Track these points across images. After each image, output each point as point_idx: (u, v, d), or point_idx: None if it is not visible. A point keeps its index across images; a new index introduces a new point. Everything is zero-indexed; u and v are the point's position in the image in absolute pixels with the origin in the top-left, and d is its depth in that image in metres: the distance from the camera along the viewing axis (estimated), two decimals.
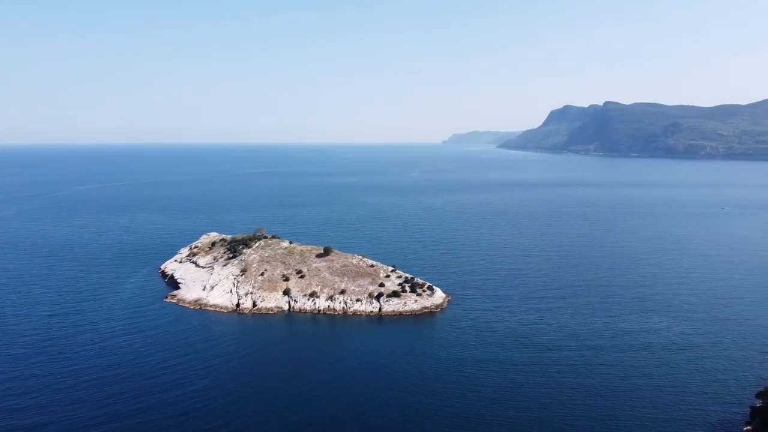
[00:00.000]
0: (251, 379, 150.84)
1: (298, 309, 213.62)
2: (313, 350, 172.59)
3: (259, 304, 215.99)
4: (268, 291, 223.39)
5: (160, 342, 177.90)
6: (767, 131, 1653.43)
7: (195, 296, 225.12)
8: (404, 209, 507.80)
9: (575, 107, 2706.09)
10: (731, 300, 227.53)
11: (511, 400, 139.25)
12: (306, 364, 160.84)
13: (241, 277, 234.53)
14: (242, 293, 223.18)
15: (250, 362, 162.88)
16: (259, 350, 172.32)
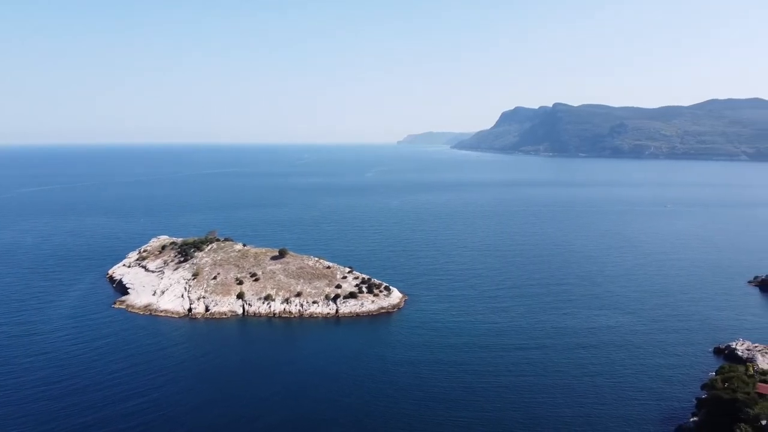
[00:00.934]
0: (209, 387, 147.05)
1: (253, 313, 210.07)
2: (269, 355, 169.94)
3: (212, 309, 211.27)
4: (221, 295, 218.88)
5: (110, 351, 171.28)
6: (707, 132, 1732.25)
7: (145, 302, 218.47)
8: (361, 210, 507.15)
9: (526, 109, 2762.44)
10: (676, 295, 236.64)
11: (464, 401, 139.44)
12: (263, 370, 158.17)
13: (193, 282, 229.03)
14: (194, 298, 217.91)
15: (206, 369, 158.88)
16: (214, 356, 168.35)
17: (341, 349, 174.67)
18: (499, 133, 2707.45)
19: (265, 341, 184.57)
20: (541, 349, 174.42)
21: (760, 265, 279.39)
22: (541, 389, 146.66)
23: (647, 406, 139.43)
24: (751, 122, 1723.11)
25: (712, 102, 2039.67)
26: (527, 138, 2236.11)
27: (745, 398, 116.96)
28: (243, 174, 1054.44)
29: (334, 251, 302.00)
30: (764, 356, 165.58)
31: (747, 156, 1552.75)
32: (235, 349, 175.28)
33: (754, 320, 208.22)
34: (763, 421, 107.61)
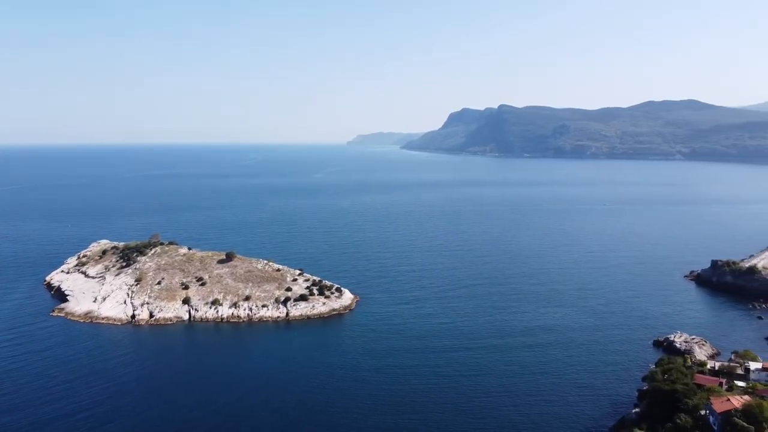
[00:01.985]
0: (156, 397, 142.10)
1: (200, 318, 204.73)
2: (217, 362, 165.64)
3: (156, 315, 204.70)
4: (166, 300, 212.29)
5: (52, 362, 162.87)
6: (645, 132, 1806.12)
7: (85, 309, 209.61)
8: (310, 211, 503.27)
9: (472, 110, 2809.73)
10: (617, 291, 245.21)
11: (410, 406, 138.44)
12: (211, 377, 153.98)
13: (136, 287, 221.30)
14: (138, 304, 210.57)
15: (153, 378, 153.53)
16: (160, 366, 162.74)
17: (290, 355, 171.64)
18: (447, 133, 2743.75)
19: (213, 348, 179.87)
20: (488, 349, 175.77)
21: (695, 260, 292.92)
22: (486, 390, 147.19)
23: (592, 400, 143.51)
24: (686, 123, 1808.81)
25: (649, 103, 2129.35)
26: (474, 139, 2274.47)
27: (684, 389, 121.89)
28: (185, 175, 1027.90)
29: (284, 253, 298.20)
30: (701, 348, 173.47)
31: (682, 155, 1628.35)
32: (181, 358, 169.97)
33: (691, 313, 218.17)
34: (702, 411, 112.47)
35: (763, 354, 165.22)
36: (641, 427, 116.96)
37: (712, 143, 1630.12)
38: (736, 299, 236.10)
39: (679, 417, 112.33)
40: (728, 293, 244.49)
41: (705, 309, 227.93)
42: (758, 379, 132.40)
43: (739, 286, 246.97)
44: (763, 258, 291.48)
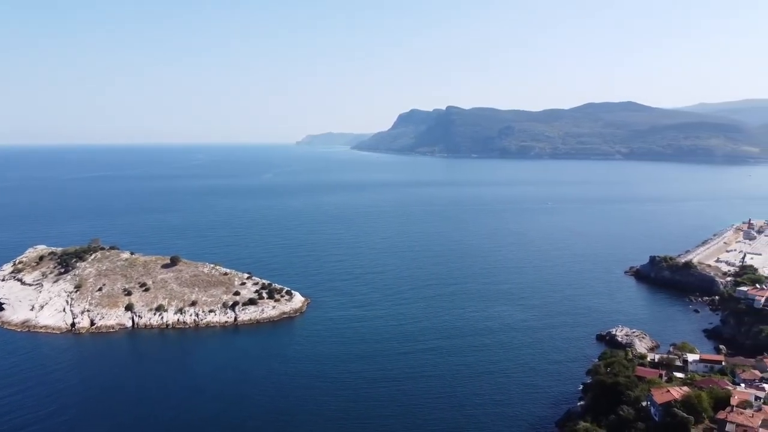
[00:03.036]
0: (99, 411, 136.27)
1: (144, 325, 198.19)
2: (163, 371, 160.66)
3: (97, 323, 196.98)
4: (107, 307, 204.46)
5: None
6: (586, 133, 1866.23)
7: (22, 317, 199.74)
8: (259, 212, 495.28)
9: (421, 111, 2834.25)
10: (562, 287, 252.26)
11: (358, 408, 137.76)
12: (157, 388, 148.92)
13: (76, 294, 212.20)
14: (78, 311, 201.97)
15: (96, 390, 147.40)
16: (104, 375, 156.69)
17: (241, 358, 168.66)
18: (396, 134, 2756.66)
19: (158, 357, 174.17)
20: (437, 350, 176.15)
21: (634, 256, 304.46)
22: (434, 393, 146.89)
23: (539, 396, 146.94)
24: (625, 124, 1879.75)
25: (589, 105, 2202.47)
26: (423, 139, 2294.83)
27: (626, 382, 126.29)
28: (128, 177, 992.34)
29: (232, 257, 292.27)
30: (641, 341, 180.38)
31: (621, 155, 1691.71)
32: (125, 368, 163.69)
33: (631, 308, 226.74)
34: (643, 402, 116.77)
35: (701, 346, 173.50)
36: (586, 419, 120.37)
37: (649, 143, 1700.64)
38: (673, 293, 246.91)
39: (622, 409, 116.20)
40: (666, 288, 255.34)
41: (644, 303, 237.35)
42: (696, 370, 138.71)
43: (676, 280, 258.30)
44: (698, 253, 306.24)
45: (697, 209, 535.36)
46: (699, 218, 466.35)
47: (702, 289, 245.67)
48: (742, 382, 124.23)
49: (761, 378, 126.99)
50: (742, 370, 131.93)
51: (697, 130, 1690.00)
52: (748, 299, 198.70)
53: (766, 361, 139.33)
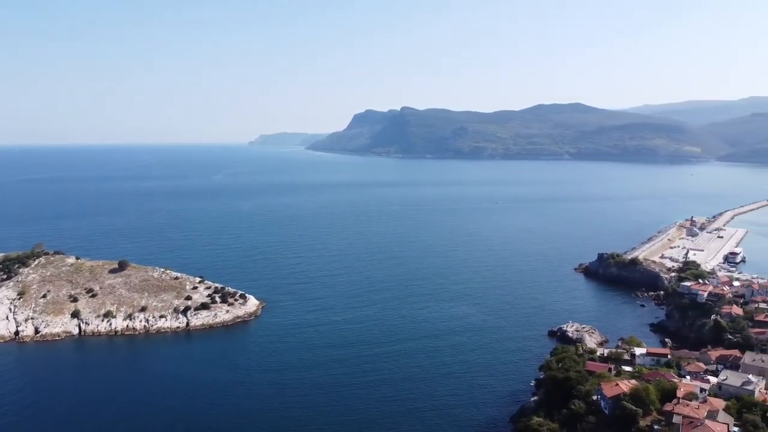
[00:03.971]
0: (41, 421, 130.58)
1: (91, 332, 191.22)
2: (112, 380, 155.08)
3: (42, 331, 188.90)
4: (53, 315, 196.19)
5: None
6: (536, 134, 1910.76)
7: None
8: (211, 215, 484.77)
9: (376, 112, 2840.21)
10: (514, 285, 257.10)
11: (308, 416, 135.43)
12: (106, 398, 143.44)
13: (19, 301, 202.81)
14: (21, 319, 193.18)
15: (41, 401, 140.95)
16: (47, 385, 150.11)
17: (193, 365, 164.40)
18: (352, 135, 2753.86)
19: (107, 365, 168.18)
20: (392, 353, 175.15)
21: (583, 253, 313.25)
22: (388, 398, 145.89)
23: (494, 392, 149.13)
24: (572, 125, 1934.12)
25: (539, 107, 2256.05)
26: (379, 140, 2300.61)
27: (577, 376, 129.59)
28: (72, 179, 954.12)
29: (183, 260, 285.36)
30: (591, 336, 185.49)
31: (570, 155, 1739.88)
32: (72, 378, 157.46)
33: (581, 303, 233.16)
34: (594, 396, 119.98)
35: (647, 340, 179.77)
36: (539, 414, 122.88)
37: (596, 144, 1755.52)
38: (620, 289, 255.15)
39: (574, 403, 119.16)
40: (614, 284, 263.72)
41: (593, 299, 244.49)
42: (643, 363, 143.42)
43: (623, 276, 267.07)
44: (643, 250, 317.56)
45: (642, 207, 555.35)
46: (644, 216, 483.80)
47: (648, 285, 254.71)
48: (688, 375, 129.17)
49: (705, 370, 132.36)
50: (687, 363, 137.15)
51: (642, 131, 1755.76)
52: (691, 294, 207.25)
53: (709, 353, 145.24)
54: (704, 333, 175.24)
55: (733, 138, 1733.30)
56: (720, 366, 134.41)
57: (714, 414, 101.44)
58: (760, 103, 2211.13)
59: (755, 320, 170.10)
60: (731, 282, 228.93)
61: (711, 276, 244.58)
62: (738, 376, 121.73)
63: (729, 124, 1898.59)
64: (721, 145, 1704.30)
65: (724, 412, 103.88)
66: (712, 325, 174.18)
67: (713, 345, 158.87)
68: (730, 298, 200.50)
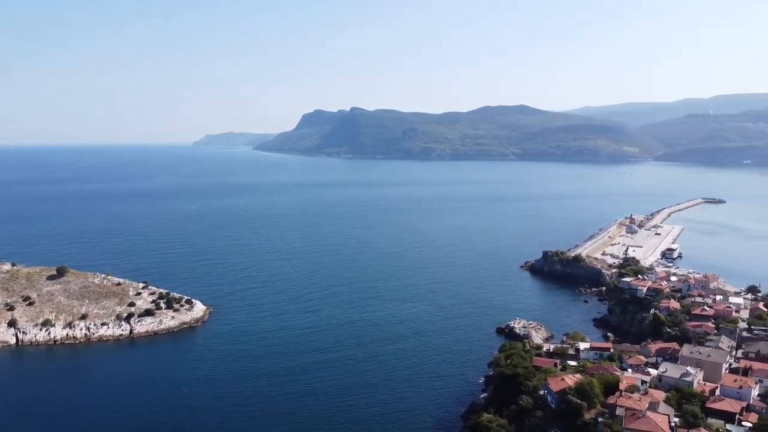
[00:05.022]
0: None
1: (29, 341, 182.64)
2: (52, 391, 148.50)
3: None
4: None
5: None
6: (483, 135, 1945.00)
7: None
8: (155, 218, 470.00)
9: (326, 112, 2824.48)
10: (464, 283, 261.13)
11: (261, 421, 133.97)
12: (45, 410, 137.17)
13: None
14: None
15: None
16: None
17: (137, 374, 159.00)
18: (301, 135, 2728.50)
19: (46, 375, 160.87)
20: (341, 355, 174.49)
21: (528, 251, 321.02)
22: (337, 397, 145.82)
23: (445, 391, 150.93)
24: (518, 126, 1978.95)
25: (486, 108, 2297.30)
26: (329, 140, 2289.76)
27: (525, 372, 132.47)
28: (5, 182, 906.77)
29: (126, 265, 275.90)
30: (537, 332, 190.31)
31: (515, 156, 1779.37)
32: (9, 390, 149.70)
33: (527, 300, 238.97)
34: (541, 391, 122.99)
35: (591, 334, 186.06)
36: (489, 411, 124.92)
37: (540, 144, 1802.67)
38: (565, 285, 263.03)
39: (522, 398, 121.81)
40: (558, 280, 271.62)
41: (539, 296, 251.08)
42: (587, 357, 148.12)
43: (567, 273, 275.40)
44: (586, 247, 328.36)
45: (584, 206, 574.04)
46: (586, 214, 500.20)
47: (590, 281, 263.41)
48: (629, 368, 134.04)
49: (646, 363, 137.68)
50: (629, 356, 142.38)
51: (584, 132, 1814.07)
52: (631, 289, 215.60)
53: (649, 346, 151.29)
54: (644, 327, 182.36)
55: (669, 138, 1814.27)
56: (660, 358, 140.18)
57: (655, 405, 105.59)
58: (694, 104, 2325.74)
59: (692, 314, 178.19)
60: (669, 277, 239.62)
61: (650, 272, 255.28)
62: (677, 368, 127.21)
63: (665, 125, 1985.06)
64: (658, 145, 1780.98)
65: (664, 404, 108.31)
66: (652, 319, 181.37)
67: (653, 338, 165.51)
68: (668, 292, 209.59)
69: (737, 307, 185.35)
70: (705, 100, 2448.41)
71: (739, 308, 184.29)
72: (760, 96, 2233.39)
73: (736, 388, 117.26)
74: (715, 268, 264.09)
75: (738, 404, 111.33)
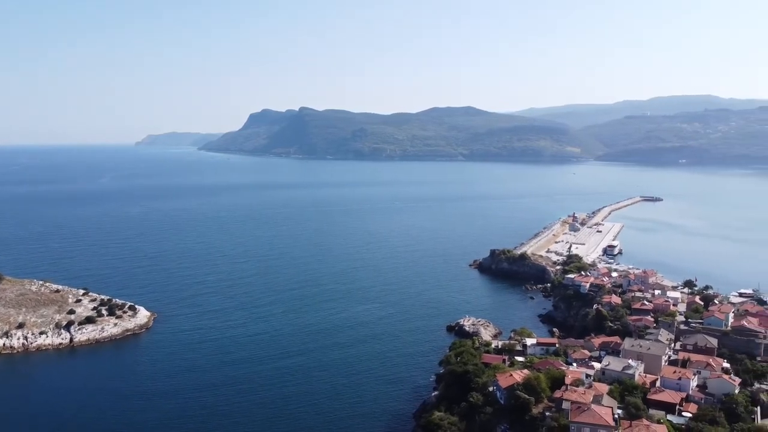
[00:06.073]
0: None
1: None
2: None
3: None
4: None
5: None
6: (432, 136, 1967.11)
7: None
8: (96, 221, 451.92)
9: (274, 111, 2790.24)
10: (415, 283, 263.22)
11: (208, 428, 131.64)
12: None
13: None
14: None
15: None
16: None
17: (77, 385, 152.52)
18: (248, 134, 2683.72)
19: None
20: (291, 357, 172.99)
21: (477, 250, 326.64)
22: (288, 401, 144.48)
23: (397, 390, 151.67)
24: (465, 127, 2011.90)
25: (434, 110, 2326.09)
26: (277, 140, 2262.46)
27: (474, 369, 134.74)
28: None
29: (65, 272, 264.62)
30: (486, 329, 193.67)
31: (463, 156, 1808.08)
32: None
33: (476, 298, 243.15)
34: (490, 388, 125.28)
35: (537, 330, 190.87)
36: (440, 409, 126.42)
37: (486, 145, 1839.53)
38: (512, 283, 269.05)
39: (472, 395, 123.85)
40: (505, 278, 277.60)
41: (487, 293, 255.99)
42: (534, 353, 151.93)
43: (514, 271, 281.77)
44: (531, 245, 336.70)
45: (529, 205, 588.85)
46: (532, 213, 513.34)
47: (536, 278, 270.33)
48: (574, 362, 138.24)
49: (590, 357, 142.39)
50: (574, 351, 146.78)
51: (528, 133, 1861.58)
52: (575, 285, 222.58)
53: (593, 341, 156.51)
54: (588, 322, 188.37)
55: (609, 139, 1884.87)
56: (603, 352, 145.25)
57: (599, 398, 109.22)
58: (632, 106, 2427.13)
59: (632, 308, 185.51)
60: (610, 273, 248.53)
61: (592, 268, 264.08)
62: (619, 361, 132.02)
63: (605, 126, 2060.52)
64: (599, 146, 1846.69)
65: (608, 396, 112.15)
66: (594, 314, 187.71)
67: (596, 333, 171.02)
68: (610, 288, 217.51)
69: (675, 300, 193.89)
70: (643, 102, 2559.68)
71: (676, 302, 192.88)
72: (695, 98, 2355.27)
73: (675, 379, 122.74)
74: (653, 264, 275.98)
75: (677, 395, 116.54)
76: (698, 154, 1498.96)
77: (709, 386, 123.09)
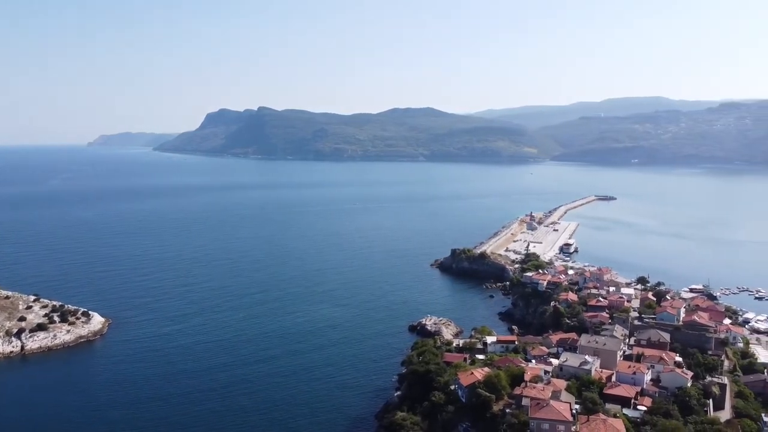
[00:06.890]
0: None
1: None
2: None
3: None
4: None
5: None
6: (393, 136, 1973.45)
7: None
8: (47, 225, 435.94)
9: (231, 111, 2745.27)
10: (378, 283, 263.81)
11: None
12: None
13: None
14: None
15: None
16: None
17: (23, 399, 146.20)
18: (205, 135, 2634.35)
19: None
20: (252, 362, 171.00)
21: (437, 249, 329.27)
22: (248, 407, 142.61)
23: (359, 391, 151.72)
24: (426, 128, 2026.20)
25: (395, 110, 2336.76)
26: (235, 140, 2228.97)
27: (436, 368, 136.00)
28: None
29: (14, 277, 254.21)
30: (447, 328, 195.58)
31: (424, 157, 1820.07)
32: None
33: (438, 297, 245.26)
34: (452, 386, 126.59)
35: (497, 328, 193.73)
36: (402, 409, 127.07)
37: (447, 146, 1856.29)
38: (472, 282, 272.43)
39: (434, 394, 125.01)
40: (466, 277, 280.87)
41: (449, 292, 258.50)
42: (494, 351, 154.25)
43: (474, 270, 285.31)
44: (490, 244, 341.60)
45: (488, 204, 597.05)
46: (490, 212, 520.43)
47: (495, 277, 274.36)
48: (533, 359, 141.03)
49: (548, 353, 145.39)
50: (532, 348, 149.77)
51: (487, 134, 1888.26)
52: (533, 283, 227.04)
53: (551, 338, 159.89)
54: (545, 319, 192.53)
55: (565, 140, 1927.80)
56: (560, 349, 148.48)
57: (558, 394, 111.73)
58: (586, 107, 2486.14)
59: (588, 305, 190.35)
60: (566, 271, 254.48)
61: (549, 266, 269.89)
62: (576, 357, 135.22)
63: (561, 127, 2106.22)
64: (555, 146, 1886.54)
65: (566, 392, 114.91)
66: (552, 311, 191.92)
67: (554, 329, 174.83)
68: (566, 285, 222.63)
69: (629, 297, 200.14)
70: (597, 103, 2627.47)
71: (630, 298, 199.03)
72: (646, 99, 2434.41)
73: (630, 374, 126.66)
74: (608, 261, 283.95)
75: (633, 389, 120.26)
76: (650, 154, 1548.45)
77: (663, 380, 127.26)
